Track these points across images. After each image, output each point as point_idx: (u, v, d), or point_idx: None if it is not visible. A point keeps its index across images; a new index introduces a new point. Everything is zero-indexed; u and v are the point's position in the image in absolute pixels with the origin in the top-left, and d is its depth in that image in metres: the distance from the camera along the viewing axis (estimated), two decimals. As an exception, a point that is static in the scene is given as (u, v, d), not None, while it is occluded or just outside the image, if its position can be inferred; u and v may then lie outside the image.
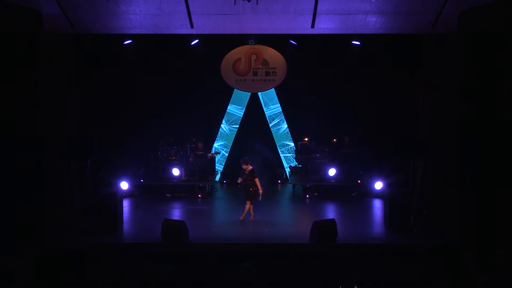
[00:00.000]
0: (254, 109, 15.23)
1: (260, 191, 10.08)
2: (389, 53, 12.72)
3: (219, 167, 15.37)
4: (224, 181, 15.00)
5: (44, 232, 8.87)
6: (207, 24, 10.11)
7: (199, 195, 12.92)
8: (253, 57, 14.79)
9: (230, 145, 15.41)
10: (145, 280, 8.16)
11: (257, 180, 10.07)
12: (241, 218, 10.22)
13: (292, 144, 15.28)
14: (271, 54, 14.74)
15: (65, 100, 10.52)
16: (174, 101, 14.31)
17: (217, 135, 15.38)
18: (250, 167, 10.11)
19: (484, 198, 8.71)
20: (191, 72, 14.29)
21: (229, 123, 15.31)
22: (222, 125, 15.35)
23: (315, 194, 12.95)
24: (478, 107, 8.79)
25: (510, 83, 8.53)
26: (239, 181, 10.18)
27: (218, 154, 15.06)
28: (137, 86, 13.85)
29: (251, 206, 10.24)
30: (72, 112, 10.71)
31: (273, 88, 15.04)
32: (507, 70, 8.52)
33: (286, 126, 15.29)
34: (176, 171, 13.11)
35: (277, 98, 15.15)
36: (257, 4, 9.01)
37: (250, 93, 15.12)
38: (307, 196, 12.77)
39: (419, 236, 9.16)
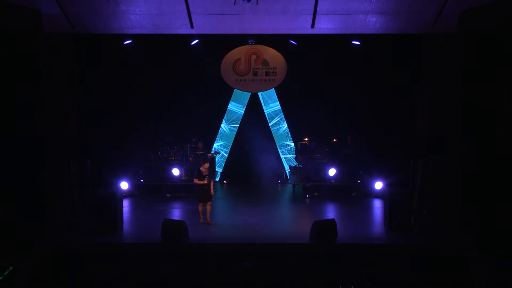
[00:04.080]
0: (254, 109, 15.22)
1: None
2: (389, 53, 12.70)
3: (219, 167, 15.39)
4: (224, 181, 15.00)
5: (44, 232, 8.87)
6: (207, 24, 10.11)
7: (199, 195, 12.91)
8: (253, 57, 14.79)
9: (230, 145, 15.41)
10: (145, 280, 8.17)
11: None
12: (208, 220, 10.06)
13: (292, 144, 15.27)
14: (271, 54, 14.74)
15: (65, 100, 10.51)
16: (174, 101, 14.30)
17: (217, 135, 15.38)
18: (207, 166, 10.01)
19: (484, 198, 8.71)
20: (191, 72, 14.28)
21: (229, 122, 15.30)
22: (222, 125, 15.35)
23: (315, 194, 12.95)
24: (478, 106, 8.79)
25: (510, 82, 8.55)
26: (205, 181, 9.90)
27: (218, 154, 15.06)
28: (137, 86, 13.83)
29: (208, 207, 10.07)
30: (72, 112, 10.71)
31: (273, 88, 15.04)
32: (507, 70, 8.53)
33: (286, 126, 15.28)
34: (176, 171, 13.11)
35: (276, 96, 15.15)
36: (257, 4, 9.00)
37: (250, 93, 15.12)
38: (307, 196, 12.77)
39: (419, 236, 9.16)
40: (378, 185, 12.30)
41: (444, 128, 9.99)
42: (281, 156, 15.36)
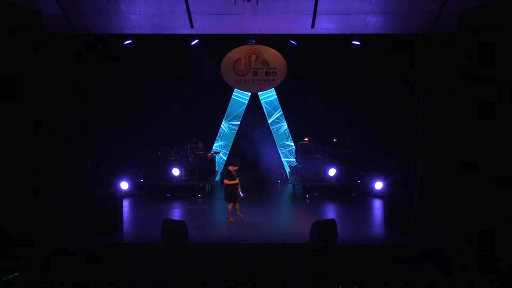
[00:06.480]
0: (254, 109, 15.24)
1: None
2: (389, 53, 12.72)
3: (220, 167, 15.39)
4: (224, 182, 14.98)
5: (44, 232, 8.87)
6: (207, 24, 10.11)
7: (199, 195, 12.92)
8: (253, 57, 14.80)
9: (230, 145, 15.41)
10: (145, 280, 8.17)
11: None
12: (240, 215, 10.29)
13: (292, 144, 15.28)
14: (271, 54, 14.75)
15: (65, 100, 10.52)
16: (174, 101, 14.31)
17: (217, 135, 15.38)
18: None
19: (484, 198, 8.71)
20: (191, 72, 14.29)
21: (229, 128, 15.35)
22: (222, 125, 15.35)
23: (315, 194, 12.95)
24: (478, 107, 8.79)
25: (511, 83, 8.54)
26: (237, 181, 10.18)
27: (218, 154, 15.06)
28: (137, 86, 13.84)
29: (236, 204, 10.33)
30: (72, 112, 10.71)
31: (274, 89, 15.05)
32: (507, 70, 8.53)
33: (286, 126, 15.29)
34: (176, 171, 13.11)
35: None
36: (257, 4, 9.01)
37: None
38: (307, 196, 12.77)
39: (419, 236, 9.16)
40: (378, 185, 12.31)
41: (444, 128, 9.99)
42: (281, 156, 15.37)
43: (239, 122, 15.24)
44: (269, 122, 15.23)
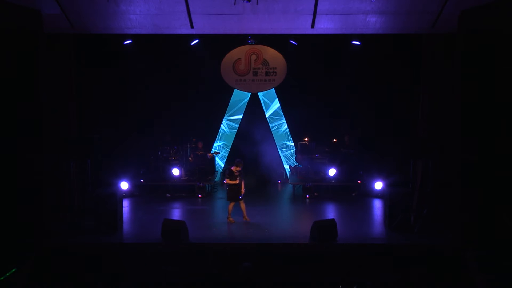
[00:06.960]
0: (254, 109, 15.23)
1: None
2: (389, 53, 12.72)
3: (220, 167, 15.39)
4: (224, 181, 14.96)
5: (44, 232, 8.87)
6: (207, 24, 10.11)
7: (199, 195, 12.92)
8: (253, 57, 14.80)
9: (230, 145, 15.41)
10: (145, 280, 8.17)
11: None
12: (246, 217, 10.25)
13: (292, 144, 15.28)
14: (271, 54, 14.75)
15: (65, 100, 10.52)
16: (174, 101, 14.31)
17: (217, 135, 15.39)
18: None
19: (484, 198, 8.71)
20: (191, 72, 14.30)
21: (229, 127, 15.35)
22: (222, 125, 15.35)
23: (315, 194, 12.95)
24: (478, 106, 8.79)
25: (510, 82, 8.54)
26: (237, 181, 10.14)
27: (218, 154, 15.06)
28: (137, 86, 13.85)
29: (242, 205, 10.30)
30: (72, 112, 10.71)
31: (273, 88, 15.04)
32: (507, 70, 8.53)
33: (286, 126, 15.29)
34: (176, 171, 13.11)
35: (276, 95, 15.15)
36: (257, 4, 9.01)
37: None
38: (307, 196, 12.77)
39: (419, 236, 9.16)
40: (378, 185, 12.31)
41: (444, 128, 9.99)
42: (281, 156, 15.37)
43: (240, 117, 15.21)
44: (267, 116, 15.22)
